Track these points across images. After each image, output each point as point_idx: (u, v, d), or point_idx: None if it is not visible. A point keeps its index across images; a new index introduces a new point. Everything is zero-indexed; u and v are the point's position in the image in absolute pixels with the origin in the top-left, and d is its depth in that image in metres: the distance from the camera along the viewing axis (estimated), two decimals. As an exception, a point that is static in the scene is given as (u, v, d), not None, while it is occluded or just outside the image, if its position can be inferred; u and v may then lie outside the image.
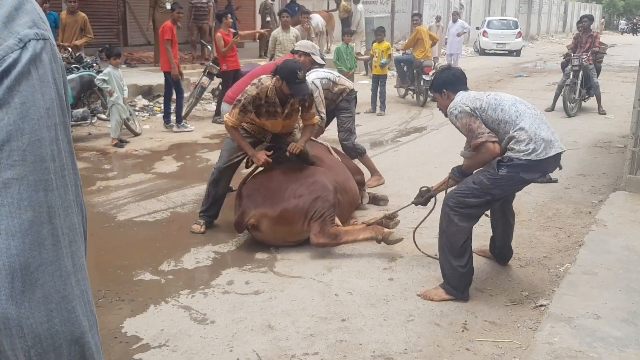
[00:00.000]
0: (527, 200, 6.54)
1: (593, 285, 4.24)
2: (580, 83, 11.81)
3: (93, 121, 9.66)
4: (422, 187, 4.89)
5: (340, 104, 6.90)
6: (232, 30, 10.90)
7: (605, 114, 12.07)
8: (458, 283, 4.23)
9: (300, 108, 5.43)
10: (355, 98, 7.13)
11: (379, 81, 12.26)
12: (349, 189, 5.74)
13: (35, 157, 0.80)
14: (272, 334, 3.81)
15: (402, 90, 14.26)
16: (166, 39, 9.59)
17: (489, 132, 4.08)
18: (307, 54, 6.35)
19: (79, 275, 0.86)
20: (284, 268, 4.84)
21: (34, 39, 0.82)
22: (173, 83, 9.83)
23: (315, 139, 6.12)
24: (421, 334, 3.81)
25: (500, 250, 4.84)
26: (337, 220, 5.15)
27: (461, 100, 4.24)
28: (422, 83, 12.87)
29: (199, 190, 6.82)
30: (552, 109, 12.33)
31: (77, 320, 0.84)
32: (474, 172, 4.34)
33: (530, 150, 3.98)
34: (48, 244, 0.81)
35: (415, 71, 13.03)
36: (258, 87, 5.21)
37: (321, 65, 6.82)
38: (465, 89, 4.44)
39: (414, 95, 13.53)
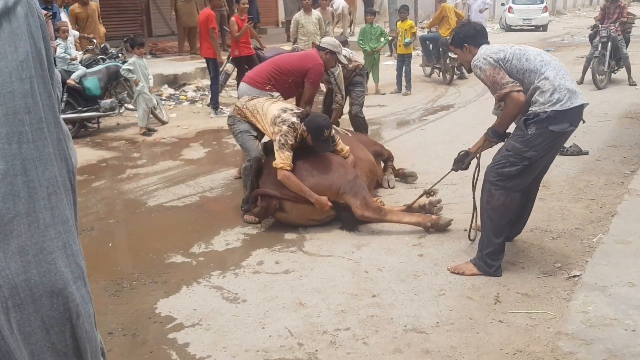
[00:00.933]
0: (558, 173, 6.45)
1: (627, 253, 4.18)
2: (609, 55, 11.57)
3: (121, 111, 9.75)
4: (460, 152, 4.77)
5: (354, 79, 7.20)
6: (248, 16, 10.93)
7: (635, 85, 11.81)
8: (494, 260, 4.18)
9: None
10: (367, 73, 7.33)
11: (404, 60, 12.16)
12: (365, 160, 5.85)
13: (7, 109, 0.79)
14: (304, 311, 3.83)
15: (428, 69, 14.13)
16: (211, 28, 9.79)
17: (512, 82, 3.98)
18: (332, 52, 6.37)
19: (60, 227, 0.85)
20: (313, 247, 4.85)
21: None
22: (215, 69, 10.04)
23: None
24: (453, 308, 3.79)
25: (514, 222, 4.54)
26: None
27: (485, 52, 4.16)
28: (448, 61, 12.74)
29: (227, 174, 6.86)
30: (581, 82, 12.11)
31: (57, 272, 0.83)
32: (507, 139, 4.22)
33: (555, 101, 3.90)
34: (23, 196, 0.81)
35: (441, 49, 12.88)
36: (294, 130, 5.18)
37: (345, 65, 6.94)
38: (487, 42, 4.35)
39: (440, 74, 13.40)
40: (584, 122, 4.21)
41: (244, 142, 5.56)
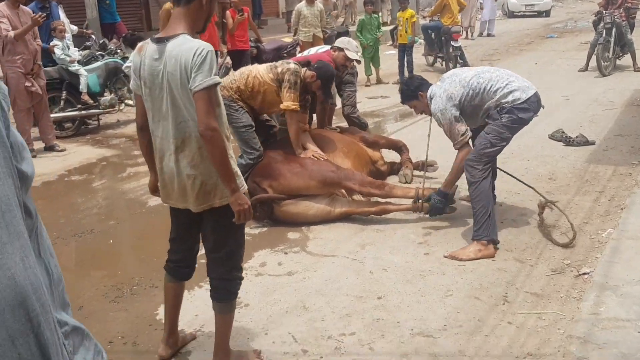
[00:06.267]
0: (564, 165, 6.35)
1: (638, 250, 4.07)
2: (613, 41, 11.42)
3: (121, 108, 9.65)
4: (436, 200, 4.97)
5: (345, 78, 7.00)
6: (247, 8, 10.86)
7: (641, 71, 11.65)
8: (493, 227, 4.43)
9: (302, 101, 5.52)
10: (357, 72, 7.17)
11: (405, 50, 12.03)
12: (357, 153, 5.97)
13: None
14: (307, 315, 3.74)
15: (431, 58, 13.99)
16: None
17: (465, 134, 4.59)
18: (340, 49, 6.35)
19: (16, 243, 0.88)
20: (316, 247, 4.76)
21: None
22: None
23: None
24: (460, 309, 3.70)
25: None
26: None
27: (440, 102, 4.62)
28: (450, 50, 12.58)
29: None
30: (585, 69, 11.98)
31: (17, 286, 0.85)
32: (486, 126, 4.62)
33: (515, 99, 4.47)
34: None
35: (443, 38, 12.75)
36: (301, 72, 5.31)
37: (358, 62, 6.90)
38: (429, 85, 4.92)
39: (443, 63, 13.25)
40: (543, 107, 4.71)
41: (249, 139, 5.41)
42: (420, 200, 5.01)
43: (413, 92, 4.93)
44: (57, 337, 0.96)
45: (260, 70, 5.38)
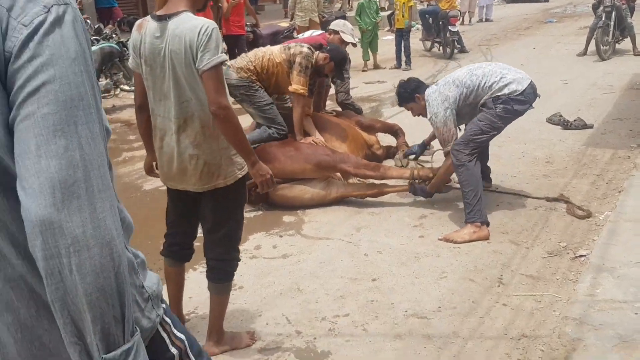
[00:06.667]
0: (562, 148, 6.31)
1: (636, 232, 4.04)
2: (613, 25, 11.33)
3: (116, 93, 9.58)
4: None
5: None
6: None
7: (641, 55, 11.57)
8: (482, 208, 4.41)
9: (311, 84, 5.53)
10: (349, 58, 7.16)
11: (402, 35, 11.95)
12: (353, 136, 5.96)
13: (66, 97, 1.02)
14: (302, 297, 3.71)
15: (428, 43, 13.91)
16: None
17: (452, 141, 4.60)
18: (336, 32, 6.35)
19: (107, 192, 1.07)
20: (311, 230, 4.73)
21: (56, 5, 1.05)
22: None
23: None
24: (455, 291, 3.68)
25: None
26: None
27: (436, 104, 4.63)
28: (448, 34, 12.51)
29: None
30: (584, 53, 11.91)
31: (106, 228, 1.04)
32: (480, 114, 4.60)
33: (511, 91, 4.45)
34: (80, 166, 1.02)
35: (440, 23, 12.67)
36: (313, 56, 5.33)
37: (354, 45, 6.95)
38: (426, 85, 4.96)
39: (441, 48, 13.17)
40: (539, 96, 4.66)
41: (275, 115, 5.44)
42: (416, 181, 4.99)
43: (410, 94, 4.97)
44: (130, 276, 1.19)
45: (274, 52, 5.38)
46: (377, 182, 5.24)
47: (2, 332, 1.14)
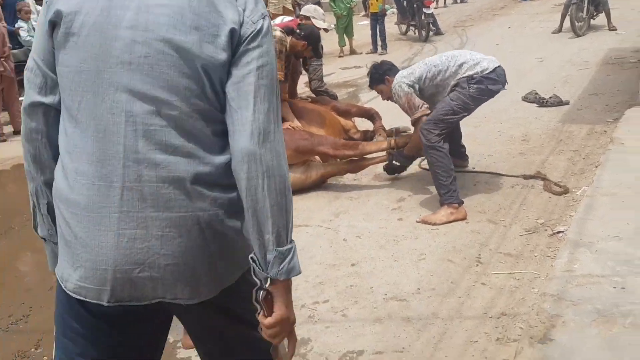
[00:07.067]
0: (538, 126, 6.31)
1: (613, 206, 4.03)
2: (587, 0, 11.34)
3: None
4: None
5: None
6: None
7: (615, 30, 11.56)
8: (456, 187, 4.39)
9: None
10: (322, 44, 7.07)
11: (377, 19, 11.89)
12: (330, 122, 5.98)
13: (272, 75, 1.45)
14: (280, 286, 3.67)
15: (403, 27, 13.87)
16: None
17: (423, 106, 4.60)
18: (307, 18, 6.33)
19: (283, 142, 1.45)
20: (289, 217, 4.67)
21: (266, 15, 1.48)
22: None
23: None
24: (433, 272, 3.65)
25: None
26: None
27: (399, 78, 4.71)
28: (423, 17, 12.47)
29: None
30: (559, 30, 11.93)
31: (283, 165, 1.43)
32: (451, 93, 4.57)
33: (483, 69, 4.47)
34: (275, 121, 1.43)
35: (415, 5, 12.62)
36: (287, 40, 5.42)
37: (326, 30, 6.90)
38: (397, 70, 5.00)
39: (416, 31, 13.12)
40: (506, 82, 4.66)
41: None
42: (394, 150, 5.06)
43: (381, 75, 4.99)
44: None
45: None
46: (356, 159, 5.22)
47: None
